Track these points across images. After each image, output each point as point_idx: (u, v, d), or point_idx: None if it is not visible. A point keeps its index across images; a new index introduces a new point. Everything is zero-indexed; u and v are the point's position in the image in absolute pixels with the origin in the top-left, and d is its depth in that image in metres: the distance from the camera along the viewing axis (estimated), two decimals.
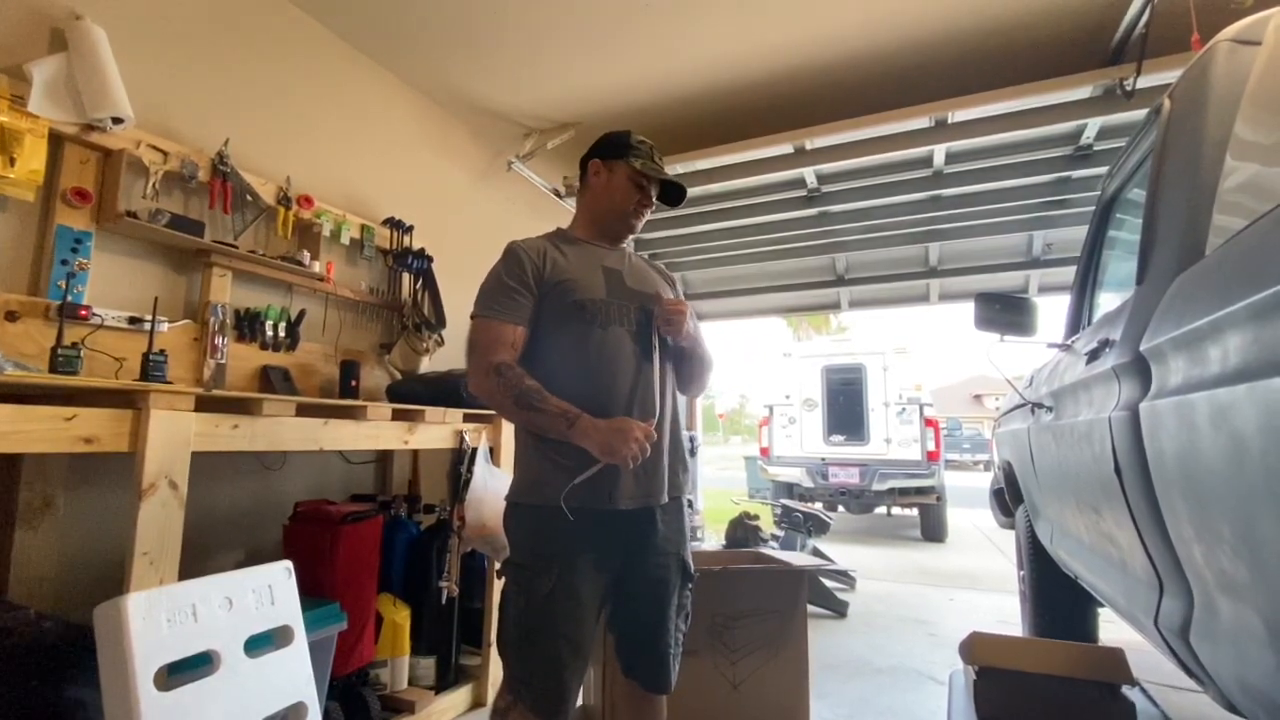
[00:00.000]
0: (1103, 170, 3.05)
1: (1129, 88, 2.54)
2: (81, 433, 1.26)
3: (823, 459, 6.70)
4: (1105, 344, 1.33)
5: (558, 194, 3.76)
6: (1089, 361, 1.42)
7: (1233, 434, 0.78)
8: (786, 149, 3.28)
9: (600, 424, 1.18)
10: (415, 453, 2.71)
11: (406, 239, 2.78)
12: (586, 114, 3.35)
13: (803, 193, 3.83)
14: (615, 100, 3.22)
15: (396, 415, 1.99)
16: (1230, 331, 0.80)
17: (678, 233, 4.52)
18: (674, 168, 3.52)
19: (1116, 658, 1.59)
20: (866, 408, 6.83)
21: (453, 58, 2.87)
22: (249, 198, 2.16)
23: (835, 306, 5.41)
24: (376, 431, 1.94)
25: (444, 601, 2.17)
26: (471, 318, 1.33)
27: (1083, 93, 2.69)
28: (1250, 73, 1.06)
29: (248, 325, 2.17)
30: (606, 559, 1.24)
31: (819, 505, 6.00)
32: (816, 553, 3.98)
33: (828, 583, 3.67)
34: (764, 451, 7.27)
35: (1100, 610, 2.27)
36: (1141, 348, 1.09)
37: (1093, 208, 2.09)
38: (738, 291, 5.53)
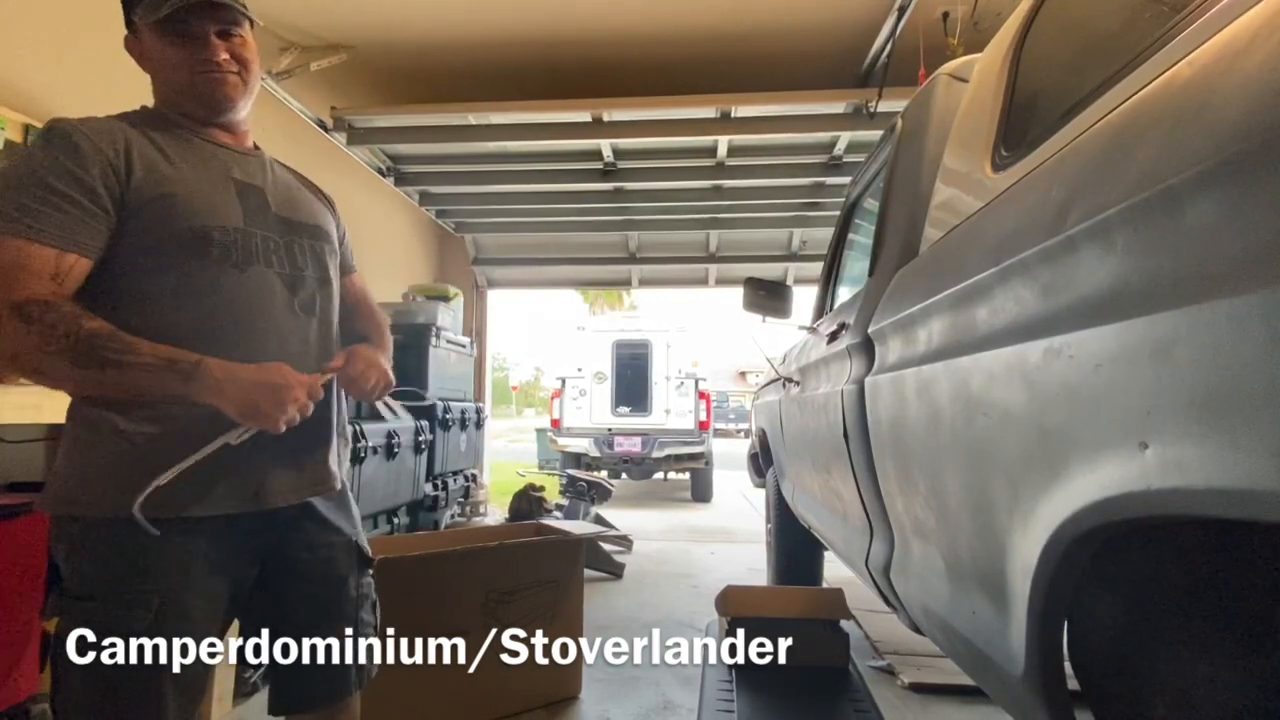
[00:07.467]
0: (848, 179, 3.57)
1: (872, 110, 2.99)
2: None
3: (609, 429, 6.99)
4: (842, 327, 1.53)
5: (323, 126, 3.25)
6: (829, 342, 1.63)
7: (931, 403, 0.92)
8: (584, 117, 3.25)
9: (241, 371, 0.82)
10: None
11: None
12: (363, 37, 2.93)
13: (600, 165, 3.85)
14: (398, 26, 2.86)
15: None
16: (934, 318, 0.95)
17: (470, 190, 4.26)
18: (466, 118, 3.27)
19: (838, 597, 1.89)
20: (651, 381, 7.27)
21: None
22: None
23: (627, 283, 5.62)
24: (42, 400, 1.49)
25: None
26: None
27: (838, 108, 3.11)
28: (959, 108, 1.27)
29: None
30: (233, 563, 0.91)
31: (603, 474, 6.24)
32: (599, 519, 4.12)
33: (607, 547, 3.82)
34: (555, 423, 7.34)
35: (826, 554, 2.69)
36: (869, 330, 1.26)
37: (838, 212, 2.41)
38: (533, 260, 5.45)
